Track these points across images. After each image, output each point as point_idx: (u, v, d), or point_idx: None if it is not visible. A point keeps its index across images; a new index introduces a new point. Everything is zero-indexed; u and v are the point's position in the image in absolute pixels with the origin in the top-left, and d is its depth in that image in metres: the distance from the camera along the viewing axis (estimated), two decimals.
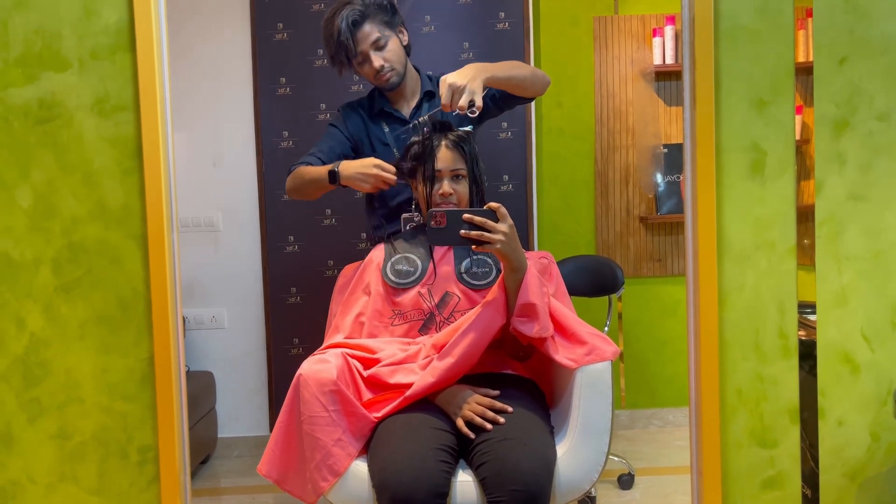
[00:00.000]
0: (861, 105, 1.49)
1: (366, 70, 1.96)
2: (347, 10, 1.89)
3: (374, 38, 1.91)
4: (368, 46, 1.91)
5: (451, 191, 1.73)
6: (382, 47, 1.93)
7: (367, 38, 1.91)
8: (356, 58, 1.93)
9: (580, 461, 1.51)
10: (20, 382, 1.53)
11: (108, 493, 1.54)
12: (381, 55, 1.93)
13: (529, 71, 1.94)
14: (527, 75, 1.92)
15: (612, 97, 3.11)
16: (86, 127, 1.50)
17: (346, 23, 1.88)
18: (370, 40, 1.91)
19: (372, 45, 1.92)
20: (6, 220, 1.51)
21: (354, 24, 1.90)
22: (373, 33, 1.91)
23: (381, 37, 1.92)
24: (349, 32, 1.89)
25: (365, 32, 1.91)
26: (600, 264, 2.68)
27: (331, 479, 1.50)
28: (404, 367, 1.62)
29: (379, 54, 1.93)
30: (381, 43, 1.92)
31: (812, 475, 1.56)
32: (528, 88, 1.95)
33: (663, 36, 3.05)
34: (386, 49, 1.93)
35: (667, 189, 3.11)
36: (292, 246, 2.94)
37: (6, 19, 1.48)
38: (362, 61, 1.94)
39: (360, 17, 1.90)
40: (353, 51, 1.91)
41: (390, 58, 1.94)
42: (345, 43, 1.89)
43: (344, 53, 1.91)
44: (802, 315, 1.54)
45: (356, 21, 1.90)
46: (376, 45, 1.92)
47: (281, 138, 2.90)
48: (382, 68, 1.93)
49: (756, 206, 1.50)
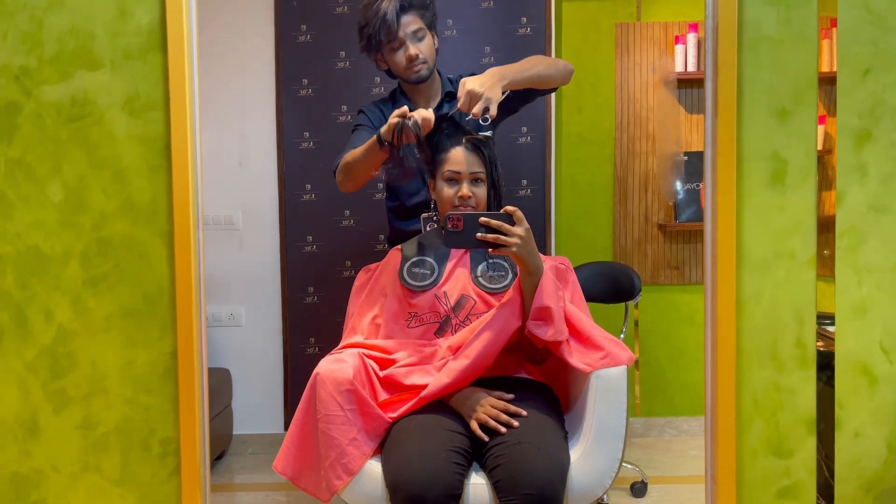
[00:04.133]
0: (884, 117, 1.48)
1: (398, 57, 1.98)
2: None
3: (415, 28, 1.96)
4: (408, 34, 1.96)
5: (470, 194, 1.74)
6: (420, 39, 1.98)
7: (409, 25, 1.95)
8: (394, 42, 1.96)
9: (593, 466, 1.52)
10: (47, 373, 1.56)
11: (129, 484, 1.57)
12: (417, 45, 1.97)
13: (549, 64, 1.98)
14: (548, 69, 1.95)
15: (632, 103, 3.12)
16: (116, 125, 1.53)
17: (394, 5, 1.93)
18: (411, 29, 1.96)
19: (411, 34, 1.96)
20: (38, 215, 1.54)
21: (402, 10, 1.94)
22: (415, 23, 1.96)
23: (420, 28, 1.97)
24: (395, 16, 1.92)
25: (408, 20, 1.95)
26: (618, 271, 2.68)
27: (345, 477, 1.51)
28: (420, 369, 1.63)
29: (416, 44, 1.97)
30: (420, 35, 1.97)
31: (827, 486, 1.56)
32: (550, 82, 1.99)
33: (686, 43, 3.05)
34: (422, 42, 1.98)
35: (686, 197, 3.11)
36: (311, 246, 2.97)
37: (41, 18, 1.52)
38: (398, 47, 1.97)
39: (407, 4, 1.95)
40: (395, 34, 1.94)
41: (424, 51, 1.99)
42: (389, 24, 1.93)
43: (384, 35, 1.94)
44: (821, 326, 1.54)
45: (403, 7, 1.94)
46: (415, 35, 1.97)
47: (302, 139, 2.93)
48: (417, 57, 1.97)
49: (776, 216, 1.50)
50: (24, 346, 1.55)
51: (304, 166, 2.93)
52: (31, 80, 1.52)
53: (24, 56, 1.52)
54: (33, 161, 1.53)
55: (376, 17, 1.93)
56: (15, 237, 1.54)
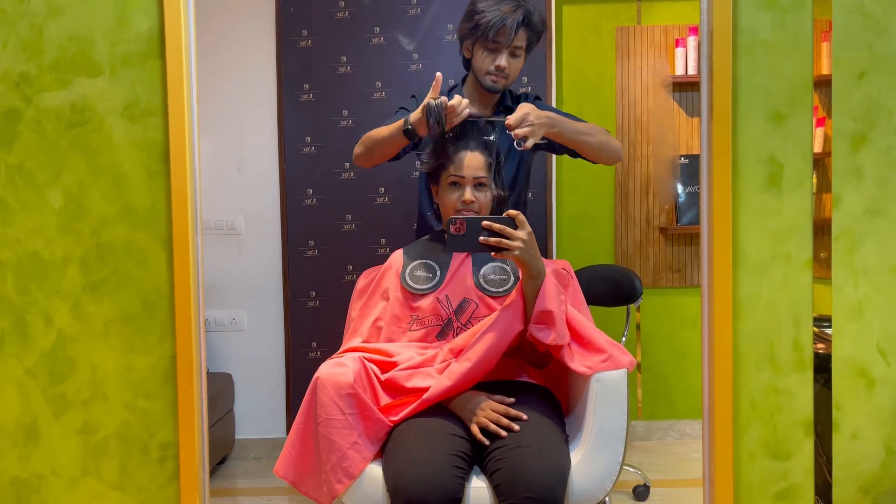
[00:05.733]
0: (879, 120, 1.49)
1: (488, 59, 1.99)
2: (529, 10, 1.97)
3: (519, 45, 1.99)
4: (510, 47, 1.98)
5: (473, 198, 1.74)
6: (516, 56, 2.00)
7: (518, 40, 1.97)
8: (496, 45, 1.97)
9: (594, 470, 1.52)
10: (47, 378, 1.57)
11: (129, 488, 1.57)
12: (511, 60, 2.00)
13: (604, 141, 1.98)
14: (597, 144, 1.97)
15: (633, 107, 3.12)
16: (115, 131, 1.54)
17: (521, 13, 1.95)
18: (516, 43, 1.98)
19: (512, 48, 1.98)
20: (38, 220, 1.55)
21: (523, 22, 1.96)
22: (522, 40, 1.98)
23: (522, 48, 2.00)
24: (515, 24, 1.94)
25: (520, 35, 1.97)
26: (619, 274, 2.68)
27: (346, 481, 1.52)
28: (421, 371, 1.64)
29: (510, 59, 1.99)
30: (518, 53, 2.00)
31: (826, 488, 1.55)
32: (592, 154, 1.99)
33: (686, 46, 3.05)
34: (516, 59, 2.01)
35: (687, 200, 3.11)
36: (312, 250, 2.98)
37: (41, 26, 1.53)
38: (495, 49, 1.98)
39: (527, 23, 1.97)
40: (507, 38, 1.95)
41: (513, 68, 2.01)
42: (507, 29, 1.94)
43: (493, 34, 1.95)
44: (819, 328, 1.54)
45: (526, 23, 1.97)
46: (514, 51, 1.99)
47: (303, 144, 2.94)
48: (503, 70, 1.99)
49: (772, 219, 1.50)
50: (23, 351, 1.56)
51: (305, 171, 2.94)
52: (31, 87, 1.54)
53: (25, 63, 1.53)
54: (33, 167, 1.55)
55: (498, 16, 1.94)
56: (15, 243, 1.55)
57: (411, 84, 2.87)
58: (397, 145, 1.92)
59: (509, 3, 1.95)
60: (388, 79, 2.91)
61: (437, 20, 2.88)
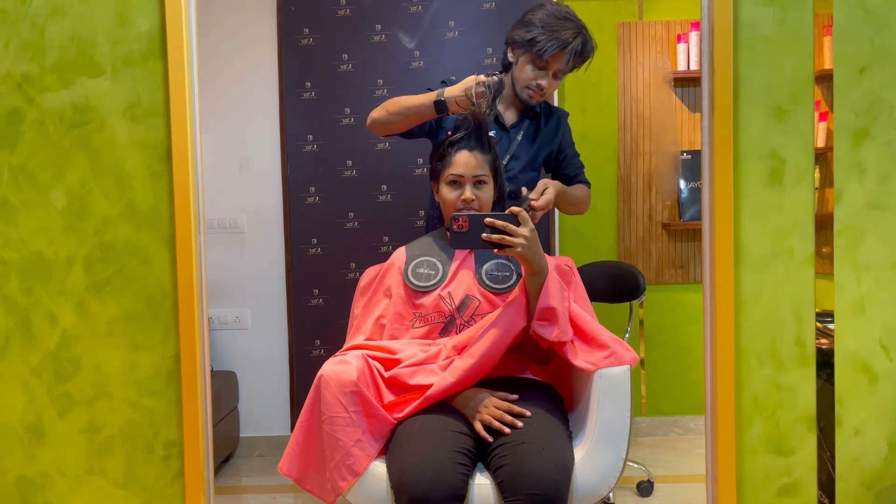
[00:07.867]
0: (881, 114, 1.48)
1: (530, 76, 2.03)
2: (586, 38, 2.02)
3: (563, 69, 2.03)
4: (555, 69, 2.03)
5: (473, 197, 1.75)
6: (557, 78, 2.06)
7: (565, 65, 2.02)
8: (548, 62, 2.01)
9: (598, 466, 1.52)
10: (52, 377, 1.58)
11: (134, 487, 1.58)
12: (552, 81, 2.05)
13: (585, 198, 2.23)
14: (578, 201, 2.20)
15: (635, 103, 3.11)
16: (118, 131, 1.54)
17: (579, 42, 2.00)
18: (563, 68, 2.03)
19: (557, 71, 2.03)
20: (41, 220, 1.56)
21: (580, 51, 2.02)
22: (567, 66, 2.03)
23: (564, 72, 2.05)
24: (573, 51, 2.00)
25: (568, 59, 2.01)
26: (622, 270, 2.67)
27: (350, 479, 1.52)
28: (425, 368, 1.64)
29: (552, 80, 2.05)
30: (560, 75, 2.05)
31: (829, 483, 1.55)
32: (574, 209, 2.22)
33: (687, 42, 3.04)
34: (557, 80, 2.07)
35: (689, 196, 3.10)
36: (315, 248, 2.98)
37: (43, 26, 1.54)
38: (542, 68, 2.02)
39: (581, 53, 2.02)
40: (563, 62, 2.01)
41: (552, 88, 2.07)
42: (564, 54, 1.99)
43: (549, 54, 1.99)
44: (822, 324, 1.54)
45: (583, 52, 2.03)
46: (556, 73, 2.04)
47: (305, 142, 2.94)
48: (543, 89, 2.04)
49: (774, 214, 1.50)
50: (29, 350, 1.57)
51: (307, 169, 2.94)
52: (33, 87, 1.54)
53: (27, 64, 1.54)
54: (36, 168, 1.55)
55: (557, 38, 1.98)
56: (19, 243, 1.56)
57: (413, 82, 2.87)
58: (421, 116, 1.94)
59: (571, 27, 1.99)
60: (390, 76, 2.90)
61: (439, 17, 2.87)
